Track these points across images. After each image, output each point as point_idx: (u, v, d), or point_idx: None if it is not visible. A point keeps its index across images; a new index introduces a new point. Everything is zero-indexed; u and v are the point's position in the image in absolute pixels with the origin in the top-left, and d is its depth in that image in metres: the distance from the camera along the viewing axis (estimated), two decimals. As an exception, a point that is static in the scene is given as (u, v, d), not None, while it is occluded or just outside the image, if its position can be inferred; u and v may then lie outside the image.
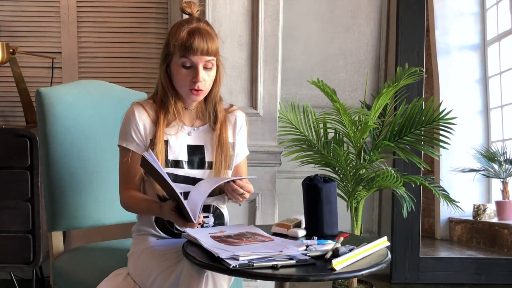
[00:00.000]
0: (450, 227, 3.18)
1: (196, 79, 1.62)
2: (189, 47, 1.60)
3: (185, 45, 1.60)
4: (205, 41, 1.60)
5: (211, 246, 1.42)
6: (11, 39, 2.89)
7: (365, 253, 1.42)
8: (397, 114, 2.60)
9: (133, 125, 1.67)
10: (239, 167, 1.81)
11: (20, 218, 2.45)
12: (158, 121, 1.67)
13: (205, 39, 1.61)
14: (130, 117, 1.68)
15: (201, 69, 1.62)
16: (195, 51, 1.60)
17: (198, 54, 1.60)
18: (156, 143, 1.64)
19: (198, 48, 1.60)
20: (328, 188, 1.60)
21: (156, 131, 1.66)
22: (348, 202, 2.57)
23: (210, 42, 1.61)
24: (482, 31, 3.16)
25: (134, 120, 1.67)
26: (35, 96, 1.93)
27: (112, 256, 1.92)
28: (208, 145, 1.72)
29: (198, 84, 1.63)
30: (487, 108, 3.16)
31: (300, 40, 3.10)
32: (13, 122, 2.96)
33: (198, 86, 1.63)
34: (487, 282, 3.02)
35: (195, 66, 1.62)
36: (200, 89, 1.64)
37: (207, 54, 1.61)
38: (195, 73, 1.62)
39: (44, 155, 1.94)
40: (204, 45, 1.60)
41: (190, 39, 1.60)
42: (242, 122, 1.80)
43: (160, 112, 1.68)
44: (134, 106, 1.70)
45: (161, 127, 1.66)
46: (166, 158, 1.66)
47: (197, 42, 1.60)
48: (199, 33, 1.61)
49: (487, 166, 3.11)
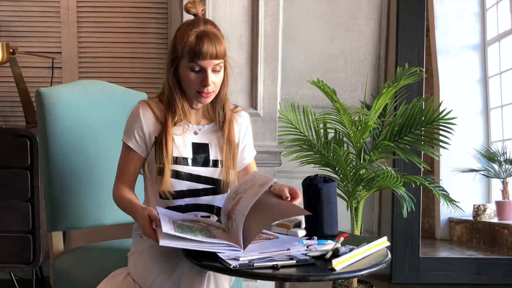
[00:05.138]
0: (450, 227, 3.18)
1: (205, 83, 1.62)
2: (198, 52, 1.59)
3: (194, 50, 1.59)
4: (213, 45, 1.59)
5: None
6: (11, 39, 2.89)
7: (365, 253, 1.42)
8: (397, 114, 2.60)
9: (137, 124, 1.68)
10: (249, 168, 1.82)
11: (20, 218, 2.45)
12: (166, 122, 1.67)
13: (213, 43, 1.59)
14: (135, 115, 1.70)
15: (210, 73, 1.62)
16: (204, 56, 1.59)
17: (207, 58, 1.60)
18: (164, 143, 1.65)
19: (207, 53, 1.59)
20: (328, 188, 1.60)
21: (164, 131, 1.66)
22: (348, 202, 2.57)
23: (218, 45, 1.60)
24: (482, 31, 3.16)
25: (138, 118, 1.68)
26: (35, 96, 1.93)
27: (112, 256, 1.92)
28: (213, 143, 1.73)
29: (207, 88, 1.63)
30: (487, 108, 3.16)
31: (300, 40, 3.10)
32: (13, 122, 2.96)
33: (208, 90, 1.63)
34: (487, 282, 3.01)
35: (204, 70, 1.62)
36: (209, 92, 1.64)
37: (216, 58, 1.61)
38: (204, 77, 1.62)
39: (44, 155, 1.94)
40: (213, 50, 1.59)
41: (199, 44, 1.58)
42: (247, 123, 1.81)
43: (167, 113, 1.68)
44: (141, 104, 1.71)
45: (169, 128, 1.66)
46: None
47: (206, 47, 1.58)
48: (208, 37, 1.59)
49: (487, 166, 3.11)
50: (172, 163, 1.66)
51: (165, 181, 1.64)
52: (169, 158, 1.64)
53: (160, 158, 1.65)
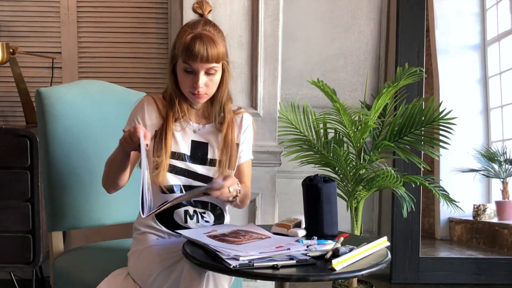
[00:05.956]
0: (450, 227, 3.18)
1: (196, 85, 1.63)
2: (189, 53, 1.60)
3: (187, 51, 1.60)
4: (205, 49, 1.59)
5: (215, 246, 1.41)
6: (11, 39, 2.89)
7: (365, 253, 1.42)
8: (397, 114, 2.60)
9: (139, 115, 1.71)
10: (241, 168, 1.81)
11: (20, 218, 2.45)
12: (167, 117, 1.69)
13: (205, 46, 1.59)
14: (138, 107, 1.73)
15: (202, 75, 1.63)
16: (195, 58, 1.60)
17: (198, 61, 1.60)
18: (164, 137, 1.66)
19: (198, 56, 1.59)
20: (328, 188, 1.60)
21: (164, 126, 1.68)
22: (348, 202, 2.57)
23: (211, 49, 1.60)
24: (482, 31, 3.16)
25: (141, 110, 1.71)
26: (35, 96, 1.93)
27: (112, 256, 1.92)
28: (212, 143, 1.74)
29: (198, 90, 1.64)
30: (487, 108, 3.16)
31: (300, 40, 3.10)
32: (13, 122, 2.96)
33: (199, 91, 1.64)
34: (487, 282, 3.01)
35: (196, 72, 1.63)
36: (200, 93, 1.65)
37: (207, 61, 1.61)
38: (196, 79, 1.63)
39: (44, 155, 1.94)
40: (204, 52, 1.59)
41: (192, 45, 1.59)
42: (248, 124, 1.81)
43: (169, 109, 1.71)
44: (146, 97, 1.74)
45: (170, 124, 1.68)
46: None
47: (197, 49, 1.59)
48: (201, 40, 1.59)
49: (487, 166, 3.11)
50: (170, 157, 1.66)
51: (161, 174, 1.65)
52: (168, 152, 1.66)
53: (159, 151, 1.66)
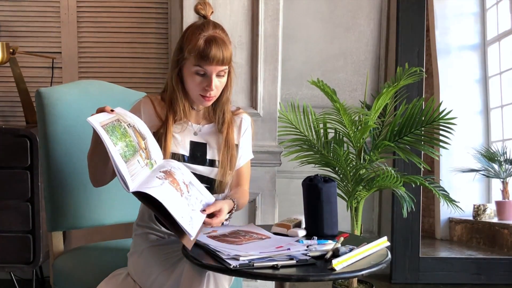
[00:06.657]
0: (450, 227, 3.18)
1: (209, 87, 1.63)
2: (205, 56, 1.59)
3: (201, 55, 1.59)
4: (221, 51, 1.60)
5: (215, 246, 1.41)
6: (11, 39, 2.89)
7: (365, 253, 1.42)
8: (397, 114, 2.60)
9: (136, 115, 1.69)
10: (239, 171, 1.82)
11: (20, 218, 2.45)
12: (167, 119, 1.69)
13: (221, 49, 1.60)
14: (134, 109, 1.73)
15: (214, 78, 1.63)
16: (211, 61, 1.60)
17: (213, 64, 1.60)
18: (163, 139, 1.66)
19: (214, 59, 1.59)
20: (328, 188, 1.60)
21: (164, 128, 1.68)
22: (348, 202, 2.57)
23: (225, 51, 1.61)
24: (482, 31, 3.16)
25: (138, 111, 1.71)
26: (35, 96, 1.93)
27: (112, 256, 1.92)
28: (211, 144, 1.73)
29: (210, 92, 1.64)
30: (487, 108, 3.16)
31: (300, 40, 3.10)
32: (13, 122, 2.96)
33: (210, 94, 1.64)
34: (487, 282, 3.02)
35: (209, 75, 1.62)
36: (211, 96, 1.65)
37: (222, 64, 1.61)
38: (209, 82, 1.63)
39: (44, 155, 1.94)
40: (220, 55, 1.60)
41: (207, 49, 1.59)
42: (247, 125, 1.81)
43: (169, 112, 1.70)
44: (144, 98, 1.74)
45: (170, 126, 1.68)
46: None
47: (213, 52, 1.59)
48: (216, 42, 1.60)
49: (487, 166, 3.11)
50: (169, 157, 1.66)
51: None
52: (168, 154, 1.66)
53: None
